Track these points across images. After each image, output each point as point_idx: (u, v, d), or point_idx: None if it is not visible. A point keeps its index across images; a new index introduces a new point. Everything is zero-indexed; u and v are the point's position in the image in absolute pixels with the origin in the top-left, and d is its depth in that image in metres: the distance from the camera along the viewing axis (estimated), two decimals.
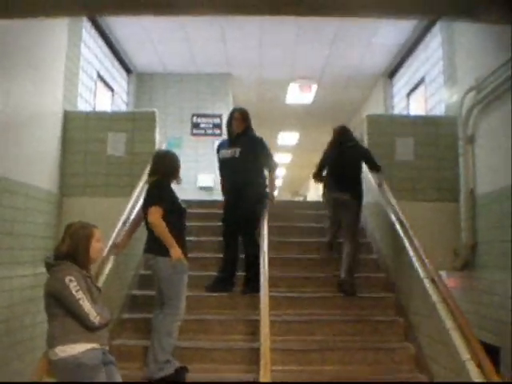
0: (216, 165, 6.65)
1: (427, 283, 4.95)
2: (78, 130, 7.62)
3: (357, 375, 4.97)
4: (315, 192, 22.53)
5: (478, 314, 7.14)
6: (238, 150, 6.14)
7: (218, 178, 6.57)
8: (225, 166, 6.34)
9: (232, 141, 6.31)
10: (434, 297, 4.73)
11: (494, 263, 6.86)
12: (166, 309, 4.77)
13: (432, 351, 4.81)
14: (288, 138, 16.73)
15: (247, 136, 6.26)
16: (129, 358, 4.98)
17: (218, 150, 6.48)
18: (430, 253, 5.44)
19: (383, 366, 5.11)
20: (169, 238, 4.70)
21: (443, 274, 7.86)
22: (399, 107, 10.99)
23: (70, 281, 3.66)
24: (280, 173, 23.95)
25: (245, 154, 6.12)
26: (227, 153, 6.26)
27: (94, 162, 7.54)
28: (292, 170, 22.64)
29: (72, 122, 7.63)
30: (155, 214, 4.75)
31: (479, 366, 3.93)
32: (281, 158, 20.41)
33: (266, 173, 6.43)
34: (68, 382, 3.69)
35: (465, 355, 4.08)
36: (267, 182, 6.41)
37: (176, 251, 4.68)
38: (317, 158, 7.32)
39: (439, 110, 8.65)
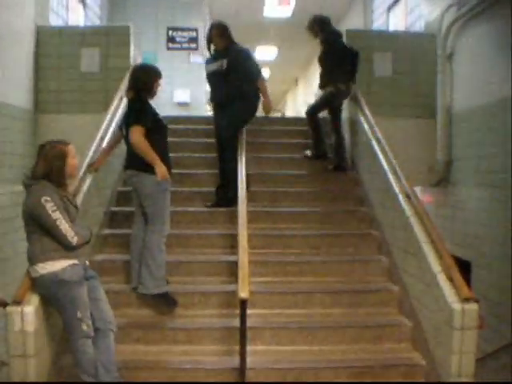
0: (193, 80, 6.59)
1: (401, 198, 5.06)
2: (51, 45, 7.46)
3: (332, 286, 5.15)
4: (293, 108, 22.46)
5: (451, 229, 7.37)
6: (224, 62, 6.06)
7: (195, 95, 6.48)
8: (212, 79, 6.31)
9: (216, 55, 6.25)
10: (408, 211, 4.86)
11: (468, 179, 7.03)
12: (151, 226, 4.79)
13: (405, 264, 4.96)
14: (266, 52, 16.42)
15: (232, 49, 6.17)
16: (111, 273, 5.09)
17: (206, 65, 6.47)
18: (406, 169, 5.53)
19: (357, 277, 5.29)
20: (153, 156, 4.64)
21: (419, 189, 8.06)
22: (379, 22, 10.82)
23: (46, 201, 3.69)
24: None
25: (233, 66, 6.04)
26: (213, 66, 6.21)
27: (68, 78, 7.44)
28: (271, 85, 22.27)
29: (45, 37, 7.45)
30: (137, 134, 4.63)
31: (450, 279, 4.09)
32: None
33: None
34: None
35: (436, 268, 4.24)
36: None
37: (161, 168, 4.64)
38: (296, 73, 7.28)
39: (419, 27, 8.56)
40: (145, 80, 4.91)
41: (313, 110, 7.00)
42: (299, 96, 20.92)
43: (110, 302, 4.05)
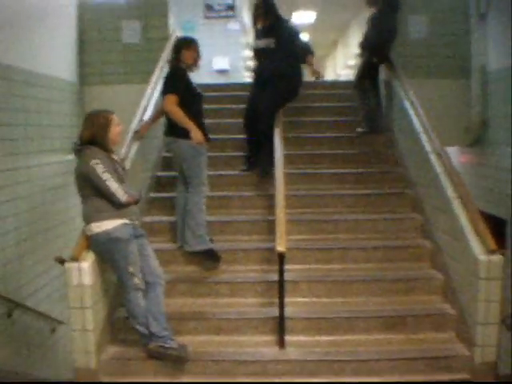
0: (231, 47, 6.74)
1: (432, 157, 5.27)
2: (93, 19, 7.77)
3: (367, 242, 5.43)
4: (333, 71, 22.43)
5: (487, 188, 7.49)
6: (272, 41, 6.13)
7: (234, 63, 6.62)
8: (260, 55, 6.37)
9: (264, 32, 6.27)
10: (438, 169, 5.08)
11: (504, 139, 7.09)
12: (190, 188, 5.16)
13: (436, 220, 5.20)
14: (305, 16, 16.42)
15: (279, 26, 6.24)
16: (158, 233, 5.49)
17: (254, 41, 6.55)
18: (442, 129, 5.71)
19: (391, 234, 5.55)
20: (187, 122, 4.98)
21: (455, 149, 8.20)
22: None
23: (96, 164, 4.06)
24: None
25: (281, 44, 6.10)
26: (261, 43, 6.25)
27: (110, 50, 7.75)
28: None
29: (86, 12, 7.76)
30: (170, 101, 5.01)
31: (477, 232, 4.32)
32: None
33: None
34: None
35: (464, 222, 4.48)
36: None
37: (196, 133, 4.98)
38: (335, 37, 7.41)
39: None
40: (174, 51, 5.29)
41: (359, 80, 7.10)
42: (339, 60, 20.90)
43: (158, 259, 4.42)
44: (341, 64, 19.86)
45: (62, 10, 7.32)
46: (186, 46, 5.25)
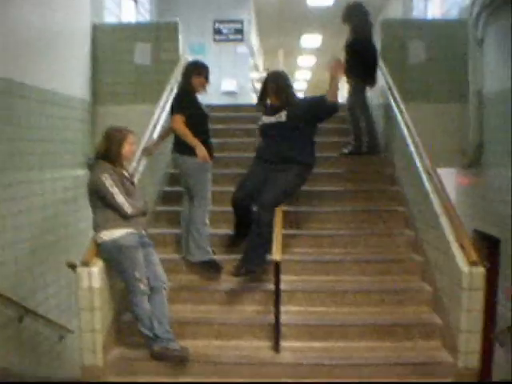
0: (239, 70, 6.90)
1: (424, 176, 5.62)
2: (107, 41, 8.21)
3: (361, 256, 5.78)
4: (340, 94, 22.82)
5: (482, 208, 7.78)
6: (283, 115, 5.42)
7: (242, 85, 6.32)
8: (268, 132, 5.55)
9: (273, 108, 5.58)
10: (429, 187, 5.42)
11: (499, 161, 7.32)
12: (195, 202, 5.49)
13: (427, 236, 5.52)
14: (311, 40, 16.92)
15: (291, 101, 5.49)
16: (164, 244, 5.83)
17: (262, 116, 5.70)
18: (440, 151, 6.02)
19: (385, 249, 5.89)
20: (192, 139, 5.33)
21: (452, 171, 8.52)
22: (418, 9, 11.22)
23: (105, 178, 4.46)
24: (305, 76, 24.24)
25: (293, 120, 5.38)
26: (270, 118, 5.52)
27: (122, 71, 8.16)
28: (316, 72, 22.83)
29: (100, 34, 8.20)
30: (177, 122, 5.41)
31: (462, 246, 4.64)
32: (305, 61, 20.67)
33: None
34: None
35: (451, 237, 4.81)
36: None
37: (201, 150, 5.32)
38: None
39: (454, 13, 8.94)
40: (184, 75, 5.66)
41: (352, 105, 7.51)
42: (345, 82, 21.31)
43: (163, 268, 4.78)
44: (346, 86, 20.30)
45: (77, 32, 7.76)
46: (197, 72, 5.59)
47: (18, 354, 5.89)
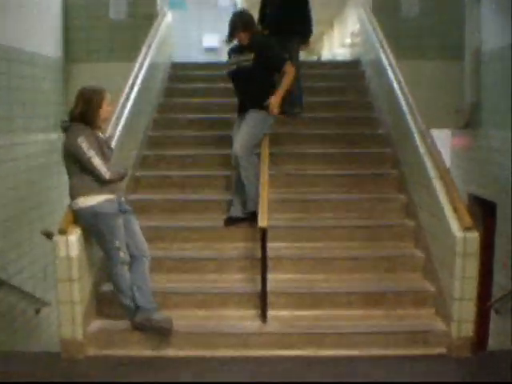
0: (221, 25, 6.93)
1: (417, 137, 5.66)
2: None
3: (351, 221, 5.84)
4: (330, 50, 22.75)
5: (478, 171, 7.86)
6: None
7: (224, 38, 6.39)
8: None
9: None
10: (422, 149, 5.47)
11: (496, 121, 7.40)
12: None
13: (420, 200, 5.58)
14: None
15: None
16: (144, 212, 5.80)
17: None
18: (434, 111, 6.02)
19: (377, 214, 5.95)
20: None
21: (447, 132, 8.57)
22: None
23: (82, 141, 4.40)
24: None
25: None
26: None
27: (97, 27, 8.07)
28: None
29: None
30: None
31: (455, 210, 4.71)
32: None
33: None
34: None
35: (444, 201, 4.87)
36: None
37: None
38: (331, 15, 7.54)
39: None
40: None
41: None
42: (335, 38, 21.22)
43: (144, 236, 4.77)
44: (337, 43, 20.23)
45: None
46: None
47: None
